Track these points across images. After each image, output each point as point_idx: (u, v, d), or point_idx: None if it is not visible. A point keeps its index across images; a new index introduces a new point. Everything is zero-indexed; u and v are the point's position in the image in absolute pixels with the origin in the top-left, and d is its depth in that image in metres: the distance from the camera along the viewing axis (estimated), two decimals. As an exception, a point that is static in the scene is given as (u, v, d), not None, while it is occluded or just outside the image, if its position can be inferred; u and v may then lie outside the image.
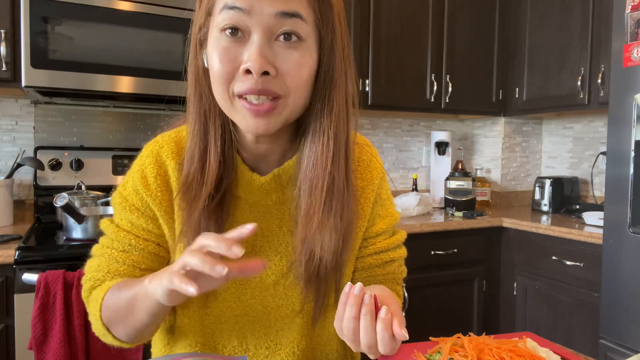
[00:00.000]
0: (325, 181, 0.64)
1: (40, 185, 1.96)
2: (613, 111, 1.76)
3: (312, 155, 0.65)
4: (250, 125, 0.61)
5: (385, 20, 2.35)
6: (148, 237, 0.73)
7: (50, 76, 1.66)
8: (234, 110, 0.62)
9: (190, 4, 0.72)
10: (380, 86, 2.36)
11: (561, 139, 2.89)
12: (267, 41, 0.59)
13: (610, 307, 1.75)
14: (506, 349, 0.72)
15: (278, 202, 0.73)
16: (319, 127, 0.65)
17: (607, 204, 1.77)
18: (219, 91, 0.62)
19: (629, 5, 1.68)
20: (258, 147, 0.69)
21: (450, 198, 2.60)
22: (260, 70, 0.57)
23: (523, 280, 2.29)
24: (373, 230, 0.79)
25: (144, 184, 0.72)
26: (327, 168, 0.64)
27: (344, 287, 0.58)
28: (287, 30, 0.59)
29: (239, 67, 0.59)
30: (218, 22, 0.60)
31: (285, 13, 0.58)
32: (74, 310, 1.39)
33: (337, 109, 0.64)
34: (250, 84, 0.58)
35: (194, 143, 0.67)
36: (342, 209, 0.66)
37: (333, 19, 0.63)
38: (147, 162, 0.73)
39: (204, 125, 0.66)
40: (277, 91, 0.60)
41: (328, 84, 0.64)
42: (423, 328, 2.18)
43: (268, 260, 0.73)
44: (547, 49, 2.48)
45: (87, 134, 2.13)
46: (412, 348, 0.80)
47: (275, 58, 0.59)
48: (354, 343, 0.58)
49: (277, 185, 0.71)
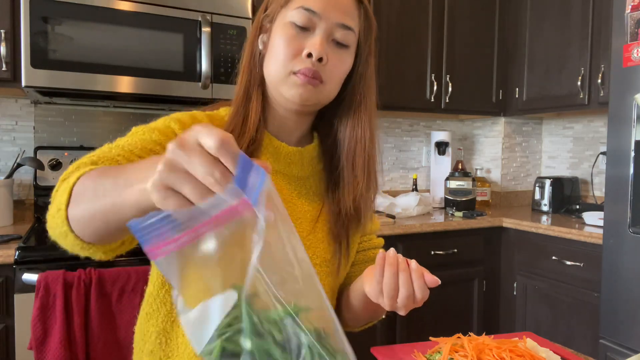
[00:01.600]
0: (366, 159, 0.81)
1: (40, 185, 1.96)
2: (613, 111, 1.76)
3: (353, 138, 0.81)
4: (298, 92, 0.75)
5: (385, 20, 2.35)
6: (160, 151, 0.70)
7: (50, 76, 1.66)
8: (286, 83, 0.75)
9: (190, 4, 0.77)
10: (380, 86, 2.35)
11: (561, 139, 2.89)
12: (326, 38, 0.75)
13: (610, 307, 1.75)
14: (506, 349, 0.72)
15: (298, 177, 0.83)
16: (358, 117, 0.82)
17: (607, 204, 1.77)
18: (278, 67, 0.75)
19: (629, 5, 1.68)
20: (286, 121, 0.82)
21: (450, 198, 2.60)
22: (319, 55, 0.73)
23: (523, 280, 2.29)
24: (366, 229, 0.91)
25: (180, 124, 0.75)
26: (366, 149, 0.81)
27: (377, 257, 0.68)
28: (341, 37, 0.76)
29: (301, 51, 0.74)
30: (292, 16, 0.75)
31: (344, 25, 0.76)
32: (74, 311, 1.39)
33: (370, 105, 0.83)
34: (308, 64, 0.74)
35: (240, 103, 0.79)
36: (374, 181, 0.84)
37: (371, 38, 0.82)
38: (180, 115, 0.78)
39: (248, 92, 0.80)
40: (323, 76, 0.75)
41: (363, 86, 0.82)
42: (423, 328, 2.18)
43: None
44: (547, 49, 2.48)
45: (87, 134, 2.13)
46: (412, 348, 0.79)
47: (327, 52, 0.75)
48: (392, 299, 0.67)
49: (300, 159, 0.83)
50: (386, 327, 2.10)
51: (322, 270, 0.81)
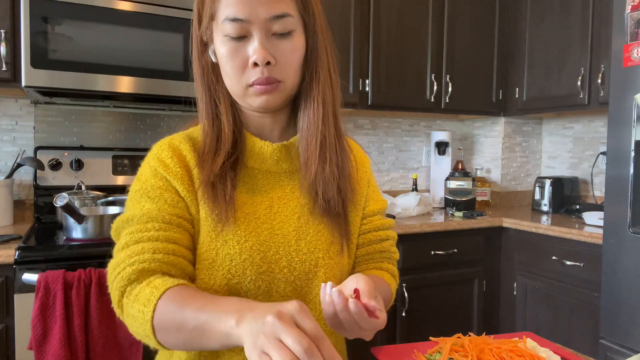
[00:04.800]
0: (318, 138, 0.77)
1: (40, 185, 1.96)
2: (613, 111, 1.76)
3: (305, 118, 0.78)
4: (261, 102, 0.74)
5: (385, 20, 2.36)
6: (178, 212, 0.75)
7: (50, 76, 1.66)
8: (247, 95, 0.74)
9: (190, 4, 0.76)
10: (380, 86, 2.36)
11: (561, 139, 2.89)
12: (266, 37, 0.71)
13: (610, 307, 1.75)
14: (506, 349, 0.72)
15: (288, 171, 0.82)
16: (310, 95, 0.78)
17: (607, 204, 1.78)
18: (233, 83, 0.74)
19: (629, 5, 1.68)
20: (263, 120, 0.81)
21: (450, 198, 2.60)
22: (264, 61, 0.70)
23: (523, 280, 2.29)
24: (368, 209, 0.90)
25: (162, 165, 0.77)
26: (318, 127, 0.77)
27: (322, 289, 0.65)
28: (280, 28, 0.72)
29: (247, 61, 0.72)
30: (223, 29, 0.71)
31: (276, 16, 0.71)
32: (74, 311, 1.39)
33: (322, 79, 0.78)
34: (259, 74, 0.71)
35: (209, 122, 0.78)
36: (337, 159, 0.79)
37: (312, 6, 0.76)
38: (160, 150, 0.79)
39: (215, 108, 0.78)
40: (278, 77, 0.73)
41: (314, 60, 0.77)
42: (423, 328, 2.18)
43: (287, 219, 0.79)
44: (547, 49, 2.48)
45: (87, 134, 2.13)
46: (412, 348, 0.80)
47: (273, 50, 0.72)
48: (346, 332, 0.66)
49: (286, 154, 0.81)
50: (386, 327, 2.10)
51: (327, 256, 0.80)
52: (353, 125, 2.72)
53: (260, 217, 0.78)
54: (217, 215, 0.75)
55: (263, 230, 0.77)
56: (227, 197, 0.75)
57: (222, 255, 0.74)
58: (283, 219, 0.79)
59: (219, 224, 0.75)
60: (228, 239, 0.75)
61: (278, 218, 0.78)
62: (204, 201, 0.75)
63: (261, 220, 0.77)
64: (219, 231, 0.75)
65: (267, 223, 0.77)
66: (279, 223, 0.78)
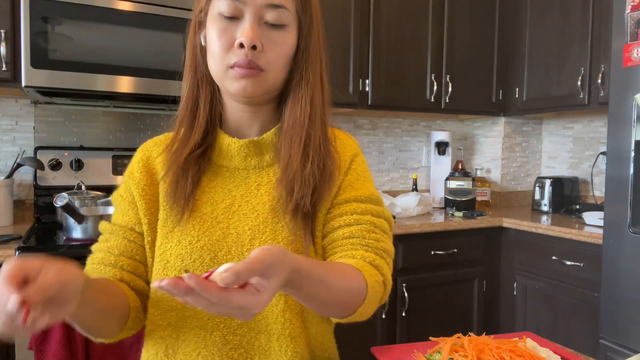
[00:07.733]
0: (303, 137, 0.76)
1: (40, 185, 1.96)
2: (613, 111, 1.76)
3: (291, 116, 0.77)
4: (239, 87, 0.72)
5: (385, 20, 2.35)
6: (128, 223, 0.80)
7: (50, 76, 1.66)
8: (227, 78, 0.73)
9: (190, 4, 0.79)
10: (380, 86, 2.36)
11: (561, 139, 2.89)
12: (258, 22, 0.71)
13: (610, 307, 1.75)
14: (506, 349, 0.72)
15: (257, 167, 0.81)
16: (298, 94, 0.77)
17: (607, 204, 1.78)
18: (216, 63, 0.73)
19: (629, 5, 1.68)
20: (242, 115, 0.80)
21: (450, 198, 2.60)
22: (250, 43, 0.70)
23: (523, 280, 2.29)
24: (341, 198, 0.80)
25: (129, 172, 0.83)
26: (304, 126, 0.76)
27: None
28: (273, 18, 0.72)
29: (234, 42, 0.71)
30: (218, 7, 0.72)
31: (272, 5, 0.71)
32: (74, 310, 1.38)
33: (313, 81, 0.77)
34: (242, 55, 0.70)
35: (186, 106, 0.79)
36: (319, 160, 0.77)
37: (311, 10, 0.76)
38: (136, 154, 0.85)
39: (196, 92, 0.79)
40: (261, 65, 0.72)
41: (305, 61, 0.77)
42: (423, 328, 2.18)
43: (245, 217, 0.77)
44: (547, 49, 2.48)
45: (87, 134, 2.13)
46: (412, 348, 0.80)
47: (262, 37, 0.72)
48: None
49: (256, 150, 0.80)
50: (386, 327, 2.10)
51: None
52: (353, 125, 2.72)
53: (218, 216, 0.77)
54: (174, 215, 0.77)
55: (217, 230, 0.76)
56: (186, 195, 0.76)
57: (175, 255, 0.75)
58: (241, 217, 0.77)
59: (175, 224, 0.76)
60: (182, 239, 0.75)
61: (236, 217, 0.77)
62: (164, 200, 0.78)
63: (217, 220, 0.77)
64: (172, 231, 0.76)
65: (223, 222, 0.77)
66: (236, 222, 0.77)
